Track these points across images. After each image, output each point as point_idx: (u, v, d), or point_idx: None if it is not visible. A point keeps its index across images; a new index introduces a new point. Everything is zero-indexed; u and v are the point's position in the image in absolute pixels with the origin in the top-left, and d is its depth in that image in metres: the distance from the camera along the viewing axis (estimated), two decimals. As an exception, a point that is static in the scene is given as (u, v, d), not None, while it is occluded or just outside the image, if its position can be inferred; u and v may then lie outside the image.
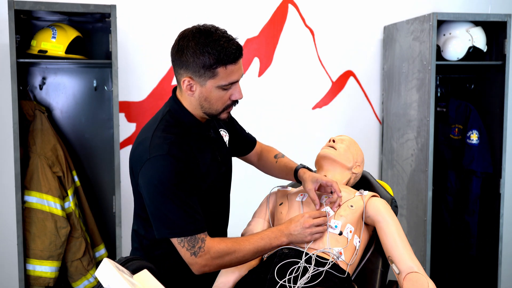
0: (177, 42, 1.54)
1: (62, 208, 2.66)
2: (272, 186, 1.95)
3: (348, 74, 3.34)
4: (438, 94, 3.30)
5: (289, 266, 1.56)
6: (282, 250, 1.62)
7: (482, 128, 3.08)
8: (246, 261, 1.58)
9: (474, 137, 3.07)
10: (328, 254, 1.61)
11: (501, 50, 3.03)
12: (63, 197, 2.70)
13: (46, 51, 2.60)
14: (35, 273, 2.60)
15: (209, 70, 1.49)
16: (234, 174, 1.85)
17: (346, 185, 1.88)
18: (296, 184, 2.00)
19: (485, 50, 3.07)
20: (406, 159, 3.12)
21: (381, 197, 1.82)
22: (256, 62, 3.19)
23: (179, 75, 1.55)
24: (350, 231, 1.66)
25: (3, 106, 2.82)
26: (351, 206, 1.70)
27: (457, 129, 3.16)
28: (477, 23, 3.06)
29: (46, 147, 2.66)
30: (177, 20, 3.03)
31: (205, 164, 1.62)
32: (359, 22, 3.31)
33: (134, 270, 1.34)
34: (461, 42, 3.00)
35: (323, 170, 1.88)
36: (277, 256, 1.60)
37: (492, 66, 3.09)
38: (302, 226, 1.60)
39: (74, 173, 2.80)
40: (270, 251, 1.62)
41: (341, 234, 1.65)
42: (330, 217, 1.67)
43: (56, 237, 2.62)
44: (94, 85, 2.93)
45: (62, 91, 2.93)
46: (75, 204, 2.75)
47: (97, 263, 2.85)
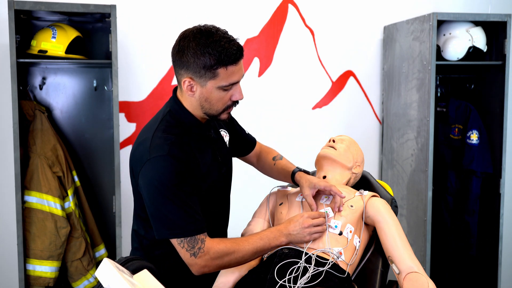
0: (177, 42, 1.53)
1: (62, 208, 2.66)
2: (272, 186, 1.95)
3: (348, 74, 3.34)
4: (438, 94, 3.30)
5: (289, 266, 1.56)
6: (282, 250, 1.62)
7: (482, 128, 3.08)
8: (246, 261, 1.58)
9: (474, 137, 3.07)
10: (328, 254, 1.61)
11: (501, 50, 3.03)
12: (63, 197, 2.70)
13: (46, 51, 2.60)
14: (35, 273, 2.60)
15: (209, 70, 1.49)
16: (234, 174, 1.85)
17: (346, 185, 1.88)
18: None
19: (485, 50, 3.07)
20: (406, 159, 3.12)
21: (381, 197, 1.82)
22: (256, 62, 3.19)
23: (180, 76, 1.55)
24: (350, 231, 1.66)
25: (3, 106, 2.82)
26: (351, 206, 1.70)
27: (457, 129, 3.16)
28: (477, 23, 3.06)
29: (46, 147, 2.66)
30: (177, 20, 3.03)
31: (205, 164, 1.61)
32: (359, 22, 3.31)
33: (134, 270, 1.34)
34: (461, 42, 3.00)
35: (323, 170, 1.88)
36: (277, 256, 1.60)
37: (492, 66, 3.09)
38: (301, 226, 1.60)
39: (74, 173, 2.80)
40: (269, 251, 1.62)
41: (341, 234, 1.65)
42: (330, 217, 1.67)
43: (56, 237, 2.62)
44: (94, 85, 2.93)
45: (62, 91, 2.93)
46: (75, 204, 2.75)
47: (97, 263, 2.85)
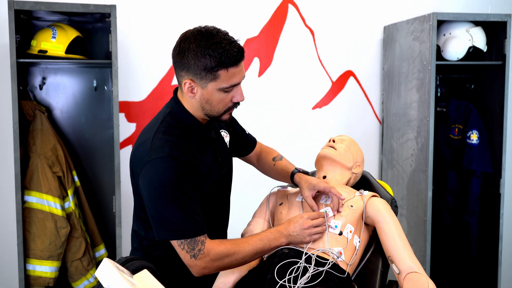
0: (178, 44, 1.52)
1: (62, 208, 2.66)
2: (272, 186, 1.95)
3: (348, 74, 3.34)
4: (438, 94, 3.30)
5: (289, 266, 1.56)
6: (282, 250, 1.62)
7: (482, 128, 3.08)
8: (246, 262, 1.58)
9: (474, 137, 3.07)
10: (328, 254, 1.61)
11: (501, 50, 3.03)
12: (63, 197, 2.70)
13: (46, 51, 2.60)
14: (35, 273, 2.60)
15: (210, 72, 1.48)
16: (235, 175, 1.85)
17: (346, 185, 1.88)
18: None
19: (485, 50, 3.07)
20: (406, 159, 3.12)
21: (381, 197, 1.82)
22: (256, 62, 3.19)
23: (180, 77, 1.54)
24: (350, 231, 1.66)
25: (3, 106, 2.82)
26: (351, 206, 1.70)
27: (457, 129, 3.16)
28: (477, 23, 3.06)
29: (46, 147, 2.66)
30: (177, 20, 3.03)
31: (206, 165, 1.61)
32: (359, 22, 3.31)
33: (134, 270, 1.34)
34: (461, 42, 3.00)
35: (323, 170, 1.88)
36: (277, 256, 1.60)
37: (492, 66, 3.09)
38: (301, 227, 1.60)
39: (74, 173, 2.80)
40: (269, 252, 1.62)
41: (341, 234, 1.65)
42: (330, 217, 1.67)
43: (56, 237, 2.62)
44: (94, 85, 2.93)
45: (62, 91, 2.93)
46: (75, 204, 2.75)
47: (97, 263, 2.85)
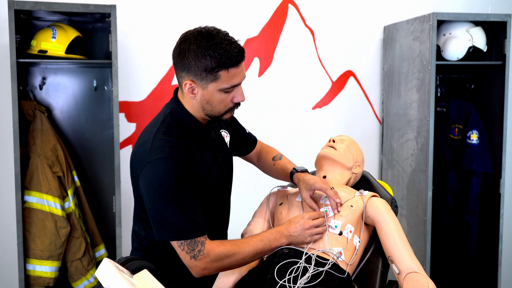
0: (178, 44, 1.52)
1: (62, 208, 2.66)
2: (272, 186, 1.95)
3: (348, 74, 3.34)
4: (438, 94, 3.30)
5: (289, 266, 1.56)
6: (282, 250, 1.62)
7: (482, 128, 3.08)
8: (246, 263, 1.58)
9: (474, 137, 3.07)
10: (328, 254, 1.61)
11: (501, 50, 3.03)
12: (63, 197, 2.70)
13: (46, 51, 2.60)
14: (35, 273, 2.60)
15: (211, 73, 1.48)
16: (235, 175, 1.84)
17: (346, 185, 1.88)
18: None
19: (485, 50, 3.07)
20: (406, 159, 3.12)
21: (381, 197, 1.82)
22: (256, 62, 3.19)
23: (181, 78, 1.54)
24: (350, 231, 1.66)
25: (3, 106, 2.82)
26: (351, 206, 1.70)
27: (457, 129, 3.16)
28: (477, 23, 3.06)
29: (46, 147, 2.66)
30: (177, 20, 3.03)
31: (206, 165, 1.61)
32: (359, 22, 3.31)
33: (134, 270, 1.34)
34: (461, 42, 3.00)
35: (323, 170, 1.88)
36: (277, 256, 1.60)
37: (492, 66, 3.08)
38: (302, 227, 1.60)
39: (74, 173, 2.80)
40: (270, 253, 1.62)
41: (341, 234, 1.64)
42: (330, 217, 1.67)
43: (56, 237, 2.62)
44: (94, 85, 2.93)
45: (62, 91, 2.93)
46: (75, 204, 2.75)
47: (97, 263, 2.85)
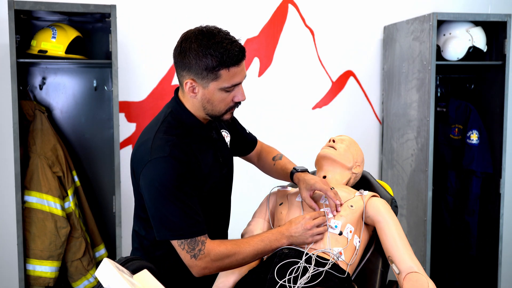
0: (179, 43, 1.52)
1: (62, 208, 2.66)
2: (272, 186, 1.95)
3: (348, 74, 3.34)
4: (438, 94, 3.30)
5: (289, 266, 1.56)
6: (282, 250, 1.62)
7: (482, 128, 3.08)
8: (246, 263, 1.58)
9: (474, 137, 3.07)
10: (328, 254, 1.61)
11: (501, 50, 3.03)
12: (63, 197, 2.70)
13: (46, 51, 2.60)
14: (35, 273, 2.60)
15: (211, 72, 1.48)
16: (235, 175, 1.84)
17: (346, 185, 1.88)
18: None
19: (485, 50, 3.07)
20: (406, 159, 3.12)
21: (381, 197, 1.82)
22: (256, 62, 3.19)
23: (182, 77, 1.54)
24: (350, 231, 1.66)
25: (3, 106, 2.82)
26: (351, 206, 1.70)
27: (457, 129, 3.16)
28: (477, 23, 3.06)
29: (46, 147, 2.66)
30: (177, 20, 3.03)
31: (207, 165, 1.61)
32: (359, 22, 3.31)
33: (134, 270, 1.34)
34: (461, 42, 3.00)
35: (323, 170, 1.88)
36: (277, 256, 1.60)
37: (492, 66, 3.08)
38: (304, 227, 1.60)
39: (74, 173, 2.80)
40: (270, 253, 1.62)
41: (341, 234, 1.64)
42: (330, 217, 1.66)
43: (56, 237, 2.62)
44: (94, 85, 2.93)
45: (62, 91, 2.93)
46: (75, 204, 2.75)
47: (97, 263, 2.85)
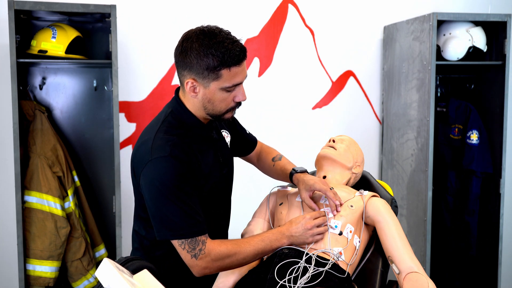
0: (180, 43, 1.52)
1: (62, 208, 2.66)
2: (272, 186, 1.95)
3: (348, 74, 3.34)
4: (438, 94, 3.30)
5: (289, 266, 1.56)
6: (282, 250, 1.62)
7: (482, 128, 3.08)
8: (247, 263, 1.58)
9: (474, 137, 3.07)
10: (328, 254, 1.61)
11: (501, 50, 3.03)
12: (63, 197, 2.70)
13: (46, 51, 2.60)
14: (35, 273, 2.60)
15: (213, 72, 1.48)
16: (235, 175, 1.84)
17: (346, 185, 1.88)
18: (296, 184, 1.99)
19: (485, 50, 3.07)
20: (406, 159, 3.12)
21: (381, 197, 1.82)
22: (256, 62, 3.19)
23: (183, 77, 1.54)
24: (350, 231, 1.66)
25: (3, 106, 2.82)
26: (351, 206, 1.70)
27: (457, 129, 3.16)
28: (477, 23, 3.06)
29: (46, 147, 2.66)
30: (177, 20, 3.03)
31: (207, 165, 1.61)
32: (359, 22, 3.31)
33: (134, 270, 1.34)
34: (461, 42, 3.00)
35: (323, 170, 1.88)
36: (277, 256, 1.60)
37: (492, 66, 3.09)
38: (304, 227, 1.60)
39: (74, 173, 2.80)
40: (270, 253, 1.62)
41: (341, 234, 1.65)
42: (330, 217, 1.66)
43: (56, 237, 2.62)
44: (94, 85, 2.93)
45: (62, 91, 2.93)
46: (75, 204, 2.75)
47: (97, 263, 2.85)
